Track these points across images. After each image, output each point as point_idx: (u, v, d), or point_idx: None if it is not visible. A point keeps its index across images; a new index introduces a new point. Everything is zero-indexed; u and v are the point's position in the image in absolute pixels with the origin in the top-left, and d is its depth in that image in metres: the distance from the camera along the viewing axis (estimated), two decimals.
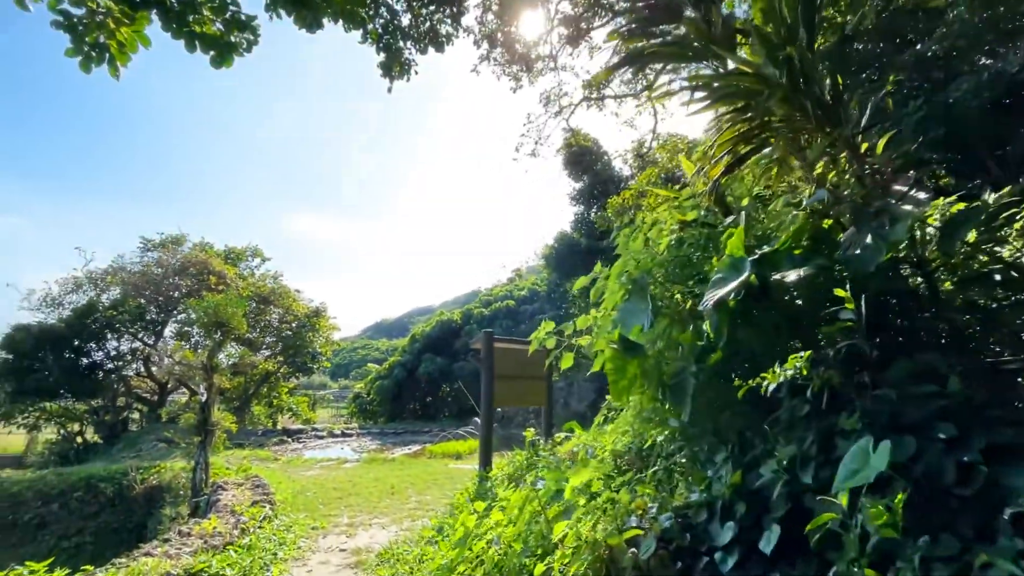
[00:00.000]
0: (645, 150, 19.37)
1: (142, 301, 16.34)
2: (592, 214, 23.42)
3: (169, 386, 18.23)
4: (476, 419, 17.56)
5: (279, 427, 18.71)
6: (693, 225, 3.66)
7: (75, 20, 3.29)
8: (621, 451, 3.67)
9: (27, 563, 3.90)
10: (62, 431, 15.43)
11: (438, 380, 21.97)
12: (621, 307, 3.39)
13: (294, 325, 18.64)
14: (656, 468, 3.06)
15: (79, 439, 15.29)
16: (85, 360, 15.49)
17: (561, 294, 22.50)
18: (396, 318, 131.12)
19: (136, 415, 16.99)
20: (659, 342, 3.00)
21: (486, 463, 6.32)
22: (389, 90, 5.93)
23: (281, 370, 19.87)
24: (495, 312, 22.15)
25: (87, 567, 4.47)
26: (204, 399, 8.74)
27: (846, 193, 2.63)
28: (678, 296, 3.35)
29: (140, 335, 16.81)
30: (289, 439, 16.17)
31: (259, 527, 5.58)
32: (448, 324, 22.86)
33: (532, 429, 6.78)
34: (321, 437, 17.13)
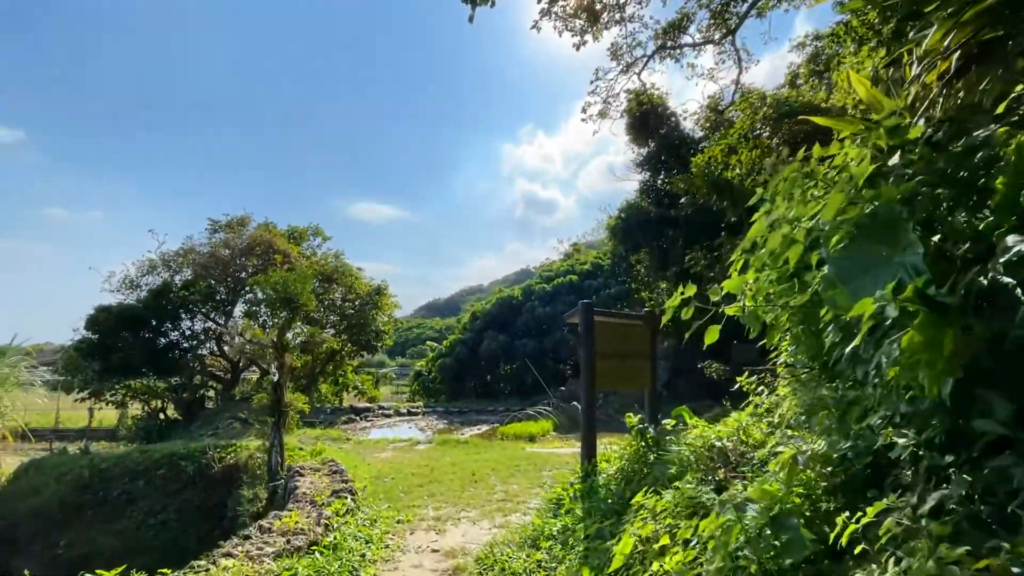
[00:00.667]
0: (724, 105, 17.61)
1: (212, 282, 16.57)
2: (659, 181, 21.88)
3: (241, 364, 18.61)
4: (546, 399, 16.88)
5: (346, 405, 18.78)
6: (909, 148, 2.58)
7: None
8: (830, 458, 2.69)
9: (98, 571, 3.48)
10: (145, 408, 16.02)
11: (500, 358, 21.43)
12: (838, 259, 2.36)
13: (357, 303, 18.48)
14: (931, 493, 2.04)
15: (161, 416, 15.82)
16: (163, 340, 15.90)
17: (626, 268, 21.27)
18: (447, 298, 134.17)
19: (211, 393, 17.46)
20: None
21: (590, 454, 5.48)
22: (471, 19, 5.01)
23: (346, 348, 19.89)
24: (557, 288, 21.22)
25: (165, 571, 4.03)
26: (276, 379, 8.40)
27: None
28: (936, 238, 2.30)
29: (212, 315, 17.11)
30: (357, 417, 16.10)
31: (343, 522, 5.02)
32: (508, 301, 22.17)
33: (635, 415, 5.90)
34: (388, 416, 17.00)
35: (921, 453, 2.30)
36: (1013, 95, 3.04)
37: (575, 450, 10.09)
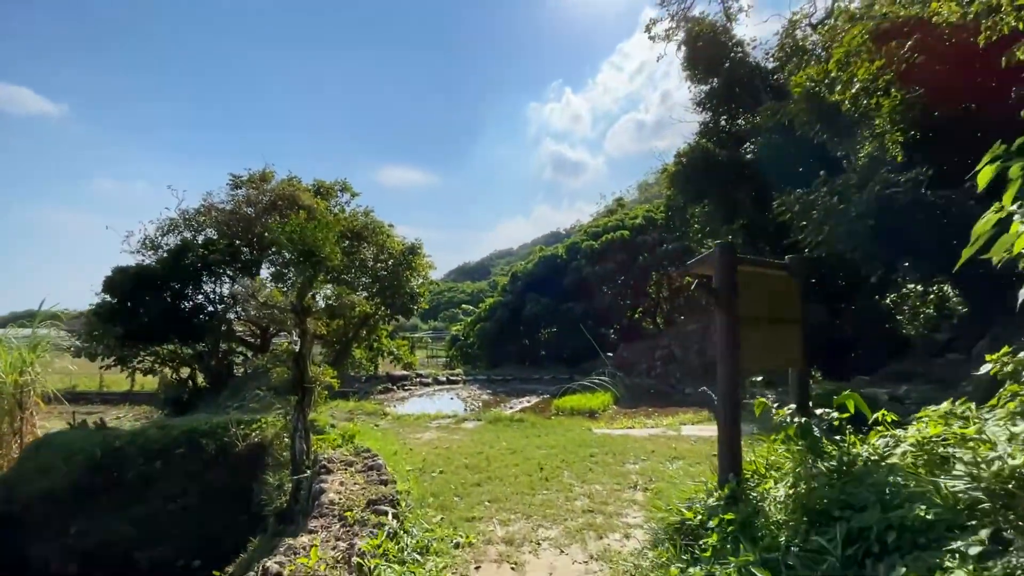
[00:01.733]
0: (816, 19, 14.81)
1: (237, 241, 15.32)
2: (723, 121, 19.27)
3: (271, 329, 17.59)
4: (600, 368, 15.25)
5: (382, 373, 17.63)
6: None
7: None
8: None
9: None
10: (173, 375, 15.20)
11: (543, 322, 19.81)
12: None
13: (389, 264, 17.01)
14: None
15: (190, 384, 14.98)
16: (187, 303, 14.89)
17: (682, 222, 19.01)
18: (477, 262, 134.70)
19: (239, 359, 16.55)
20: None
21: (734, 465, 3.77)
22: None
23: (379, 312, 18.63)
24: (606, 245, 19.21)
25: None
26: (297, 349, 6.96)
27: None
28: None
29: (237, 277, 15.97)
30: (394, 387, 14.87)
31: (382, 560, 3.51)
32: (552, 261, 20.32)
33: (771, 400, 4.17)
34: (426, 384, 15.73)
35: None
36: None
37: (651, 431, 8.45)
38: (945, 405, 3.57)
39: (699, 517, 3.68)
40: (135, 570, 8.28)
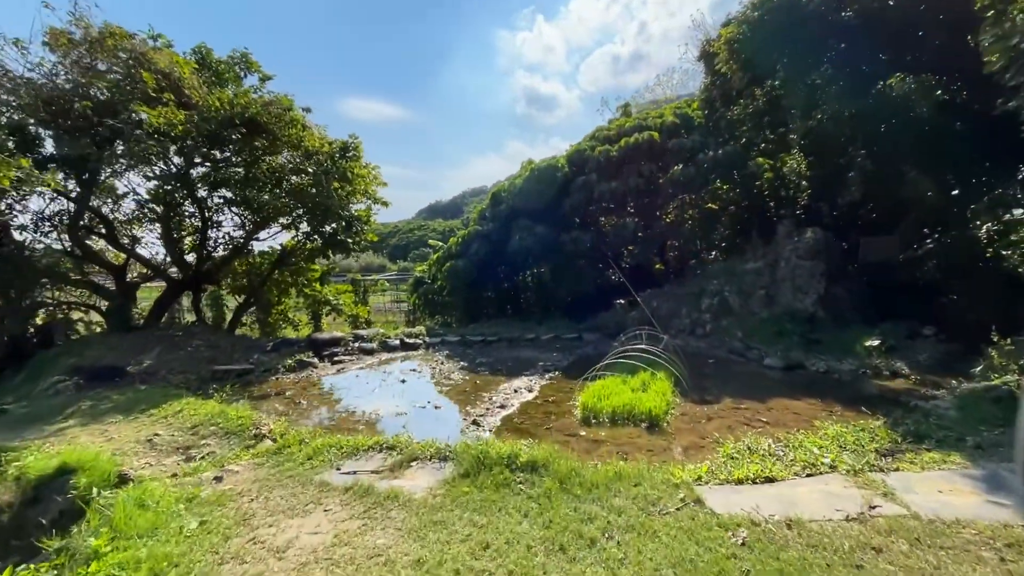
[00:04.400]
0: None
1: (36, 126, 9.44)
2: None
3: (132, 271, 11.99)
4: (636, 329, 10.32)
5: (306, 335, 12.42)
6: None
7: None
8: None
9: None
10: None
11: (537, 259, 14.70)
12: None
13: (310, 171, 11.36)
14: None
15: None
16: None
17: (729, 124, 13.68)
18: (449, 200, 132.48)
19: (84, 313, 11.06)
20: None
21: None
22: None
23: (307, 245, 13.15)
24: (627, 151, 13.84)
25: None
26: None
27: None
28: None
29: (70, 188, 10.20)
30: (316, 358, 9.69)
31: None
32: (549, 175, 14.89)
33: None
34: (369, 352, 10.61)
35: None
36: None
37: (835, 503, 3.62)
38: None
39: None
40: None
